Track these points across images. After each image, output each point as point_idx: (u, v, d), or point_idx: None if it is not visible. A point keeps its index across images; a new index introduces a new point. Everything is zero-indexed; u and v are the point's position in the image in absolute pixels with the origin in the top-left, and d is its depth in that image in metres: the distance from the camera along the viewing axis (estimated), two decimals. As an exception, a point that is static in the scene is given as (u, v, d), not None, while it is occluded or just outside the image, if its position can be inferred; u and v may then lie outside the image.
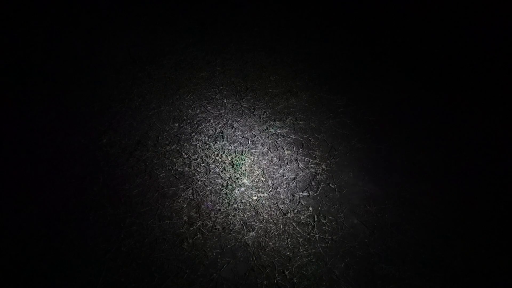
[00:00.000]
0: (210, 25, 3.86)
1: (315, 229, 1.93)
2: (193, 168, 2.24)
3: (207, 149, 2.37)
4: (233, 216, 1.98)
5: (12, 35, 3.58)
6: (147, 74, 3.08)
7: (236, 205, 2.03)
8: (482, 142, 2.48)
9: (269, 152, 2.36)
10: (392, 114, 2.70)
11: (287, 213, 2.00)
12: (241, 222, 1.95)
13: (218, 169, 2.23)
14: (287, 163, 2.29)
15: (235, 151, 2.35)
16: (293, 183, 2.17)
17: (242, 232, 1.90)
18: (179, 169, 2.23)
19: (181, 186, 2.13)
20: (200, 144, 2.40)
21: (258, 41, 3.58)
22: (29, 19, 3.83)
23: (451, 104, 2.80)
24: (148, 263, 1.75)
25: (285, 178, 2.20)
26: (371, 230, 1.93)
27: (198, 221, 1.94)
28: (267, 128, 2.55)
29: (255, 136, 2.48)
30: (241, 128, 2.54)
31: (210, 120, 2.61)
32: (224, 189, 2.11)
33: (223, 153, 2.34)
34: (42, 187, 2.10)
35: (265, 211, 2.01)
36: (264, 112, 2.69)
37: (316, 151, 2.38)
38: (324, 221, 1.97)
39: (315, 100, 2.83)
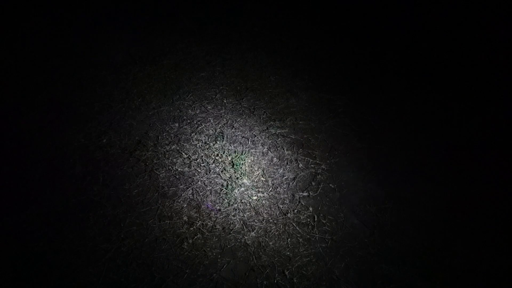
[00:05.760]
0: (210, 25, 3.85)
1: (315, 229, 1.93)
2: (193, 168, 2.24)
3: (207, 149, 2.37)
4: (233, 216, 1.98)
5: (12, 35, 3.58)
6: (147, 74, 3.08)
7: (236, 205, 2.03)
8: (482, 142, 2.48)
9: (269, 152, 2.36)
10: (392, 114, 2.70)
11: (287, 213, 2.00)
12: (241, 222, 1.95)
13: (218, 169, 2.23)
14: (287, 163, 2.29)
15: (235, 151, 2.35)
16: (293, 183, 2.17)
17: (242, 232, 1.90)
18: (179, 169, 2.23)
19: (181, 186, 2.13)
20: (200, 144, 2.40)
21: (258, 41, 3.58)
22: (29, 19, 3.83)
23: (451, 104, 2.80)
24: (148, 263, 1.75)
25: (285, 178, 2.20)
26: (371, 230, 1.93)
27: (198, 221, 1.94)
28: (267, 128, 2.55)
29: (255, 136, 2.48)
30: (241, 128, 2.54)
31: (210, 120, 2.61)
32: (224, 189, 2.11)
33: (223, 153, 2.34)
34: (42, 187, 2.10)
35: (265, 211, 2.01)
36: (264, 112, 2.69)
37: (316, 151, 2.38)
38: (324, 221, 1.97)
39: (315, 100, 2.83)
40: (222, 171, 2.22)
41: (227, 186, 2.13)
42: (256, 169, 2.24)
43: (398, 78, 3.09)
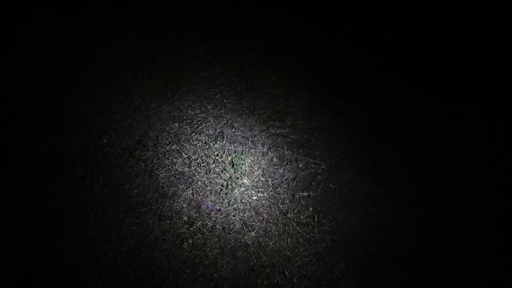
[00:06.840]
0: (210, 25, 3.85)
1: (315, 229, 1.93)
2: (193, 168, 2.24)
3: (207, 149, 2.37)
4: (233, 216, 1.98)
5: (12, 35, 3.58)
6: (147, 74, 3.08)
7: (236, 205, 2.03)
8: (482, 142, 2.48)
9: (269, 152, 2.36)
10: (392, 114, 2.70)
11: (287, 213, 2.00)
12: (241, 222, 1.95)
13: (218, 169, 2.23)
14: (287, 163, 2.29)
15: (235, 151, 2.35)
16: (293, 183, 2.17)
17: (242, 232, 1.90)
18: (179, 169, 2.23)
19: (181, 186, 2.13)
20: (200, 144, 2.40)
21: (258, 41, 3.58)
22: (28, 19, 3.83)
23: (451, 104, 2.80)
24: (148, 263, 1.75)
25: (285, 178, 2.20)
26: (371, 230, 1.93)
27: (198, 221, 1.94)
28: (267, 128, 2.55)
29: (255, 136, 2.48)
30: (241, 128, 2.54)
31: (210, 120, 2.61)
32: (224, 189, 2.11)
33: (223, 153, 2.34)
34: (42, 187, 2.10)
35: (265, 211, 2.01)
36: (264, 112, 2.69)
37: (316, 151, 2.38)
38: (324, 221, 1.97)
39: (315, 100, 2.83)
40: (222, 171, 2.22)
41: (227, 186, 2.13)
42: (256, 169, 2.24)
43: (398, 78, 3.09)
